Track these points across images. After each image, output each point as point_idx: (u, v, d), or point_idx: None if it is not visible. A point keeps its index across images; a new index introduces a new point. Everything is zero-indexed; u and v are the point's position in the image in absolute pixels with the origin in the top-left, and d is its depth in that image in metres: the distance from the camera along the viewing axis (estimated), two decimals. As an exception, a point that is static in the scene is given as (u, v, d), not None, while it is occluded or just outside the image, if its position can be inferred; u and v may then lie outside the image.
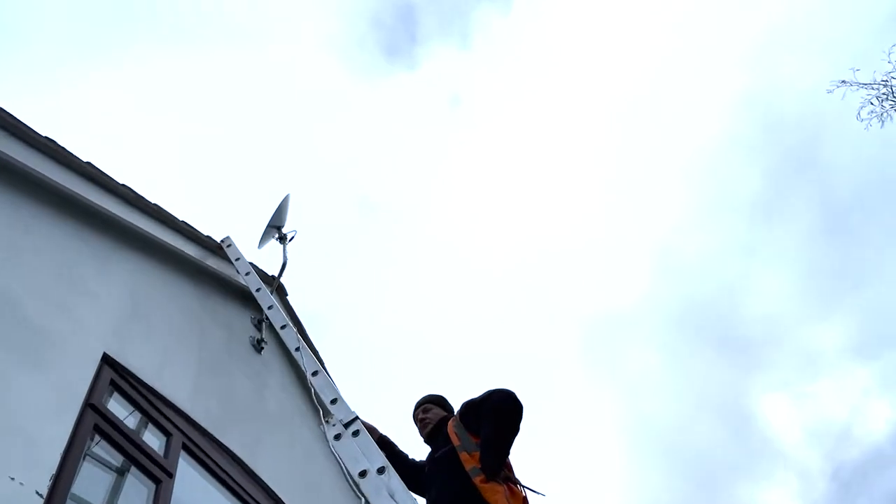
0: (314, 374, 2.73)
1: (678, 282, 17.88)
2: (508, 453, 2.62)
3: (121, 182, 3.41)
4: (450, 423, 2.89)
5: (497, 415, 2.62)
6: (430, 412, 3.12)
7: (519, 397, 2.69)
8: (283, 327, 3.32)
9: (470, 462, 2.59)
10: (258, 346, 4.29)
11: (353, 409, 2.44)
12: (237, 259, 4.22)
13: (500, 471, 2.52)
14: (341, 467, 2.24)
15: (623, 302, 17.51)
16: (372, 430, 3.15)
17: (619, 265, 17.28)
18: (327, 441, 2.31)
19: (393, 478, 2.10)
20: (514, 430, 2.63)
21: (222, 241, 4.37)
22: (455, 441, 2.74)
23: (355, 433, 2.33)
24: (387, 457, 2.26)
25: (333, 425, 2.35)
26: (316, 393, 2.59)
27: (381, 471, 2.12)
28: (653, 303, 17.48)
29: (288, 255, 4.61)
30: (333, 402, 2.53)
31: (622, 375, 17.51)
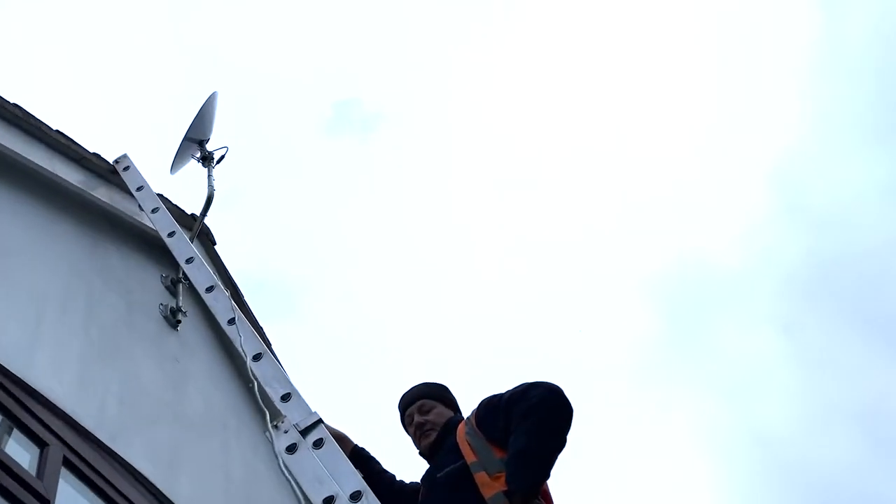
0: (256, 358, 2.73)
1: (800, 229, 17.85)
2: (548, 475, 2.62)
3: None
4: (460, 428, 2.90)
5: (536, 419, 2.63)
6: (432, 413, 3.13)
7: (567, 395, 2.69)
8: (209, 290, 3.29)
9: (491, 487, 2.60)
10: (173, 318, 4.34)
11: (314, 410, 2.43)
12: (139, 188, 4.22)
13: (536, 496, 2.53)
14: (296, 492, 2.26)
15: (720, 259, 17.46)
16: (342, 439, 3.17)
17: (714, 206, 17.21)
18: (276, 455, 2.32)
19: None
20: (560, 441, 2.65)
21: (116, 161, 4.37)
22: (469, 456, 2.74)
23: (317, 443, 2.32)
24: (364, 477, 2.35)
25: (285, 432, 2.33)
26: (260, 386, 2.58)
27: (355, 497, 2.13)
28: (763, 259, 17.37)
29: (215, 185, 4.64)
30: (285, 398, 2.52)
31: (716, 362, 17.28)
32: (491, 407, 2.85)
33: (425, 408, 3.15)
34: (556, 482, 2.70)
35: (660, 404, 15.37)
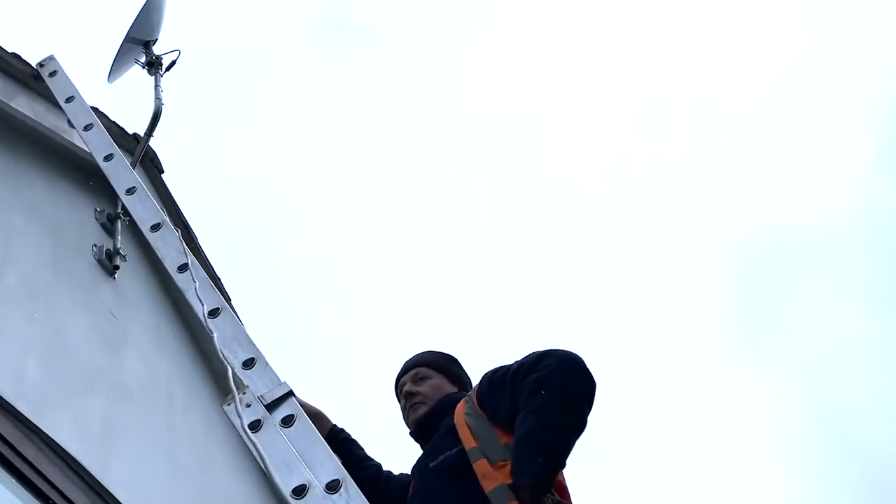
0: (213, 314, 2.75)
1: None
2: (563, 464, 2.65)
3: None
4: (459, 407, 2.92)
5: (549, 395, 2.66)
6: (427, 383, 3.18)
7: (587, 365, 2.72)
8: (154, 229, 3.28)
9: (494, 478, 2.63)
10: (109, 262, 4.38)
11: (283, 380, 2.44)
12: (68, 100, 4.18)
13: (548, 494, 2.56)
14: (265, 475, 2.28)
15: (807, 218, 17.34)
16: (318, 417, 3.17)
17: (802, 155, 17.02)
18: (238, 432, 2.32)
19: (354, 498, 2.11)
20: (578, 421, 2.67)
21: (40, 64, 4.38)
22: (468, 440, 2.78)
23: (287, 420, 2.33)
24: (343, 463, 2.26)
25: (247, 406, 2.34)
26: (218, 349, 2.59)
27: (332, 486, 2.13)
28: (858, 220, 17.28)
29: (164, 98, 4.64)
30: (248, 364, 2.53)
31: (797, 342, 17.40)
32: (495, 381, 2.86)
33: (420, 378, 3.19)
34: (580, 474, 2.73)
35: (729, 388, 15.49)
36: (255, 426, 2.31)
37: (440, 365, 3.25)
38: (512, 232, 15.59)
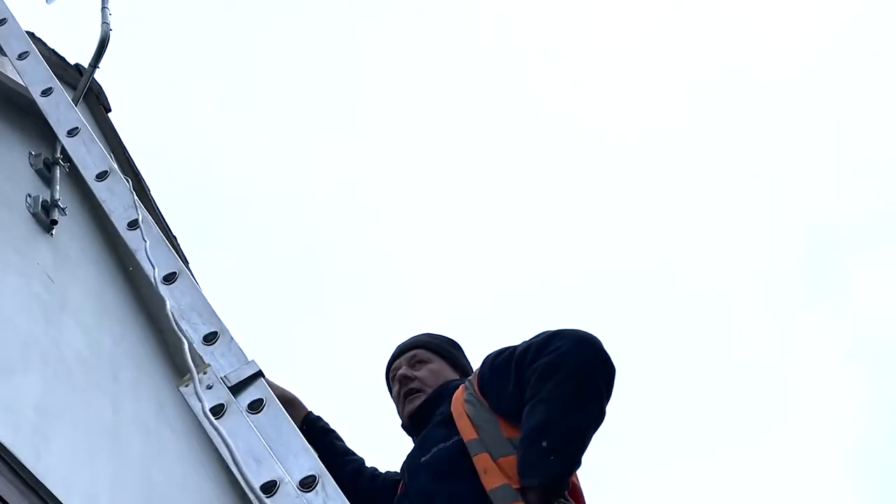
0: (169, 279, 2.75)
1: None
2: (578, 463, 2.66)
3: None
4: (457, 394, 2.94)
5: (562, 381, 2.66)
6: (426, 368, 3.17)
7: (605, 348, 2.72)
8: (100, 177, 3.29)
9: (496, 475, 2.64)
10: (46, 216, 4.37)
11: (250, 358, 2.45)
12: None
13: (560, 498, 2.56)
14: (227, 469, 2.29)
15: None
16: (291, 403, 3.20)
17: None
18: (197, 417, 2.30)
19: (332, 497, 2.10)
20: (596, 412, 2.68)
21: None
22: (467, 431, 2.80)
23: (255, 406, 2.33)
24: (320, 456, 2.24)
25: (208, 387, 2.33)
26: (174, 320, 2.58)
27: (307, 483, 2.13)
28: None
29: (111, 23, 4.63)
30: (210, 339, 2.52)
31: (858, 318, 17.79)
32: (498, 364, 2.84)
33: (417, 359, 3.18)
34: (592, 468, 2.68)
35: (784, 371, 15.63)
36: (218, 411, 2.30)
37: (442, 348, 3.24)
38: (551, 195, 15.55)
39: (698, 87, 17.29)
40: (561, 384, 2.65)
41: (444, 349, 3.24)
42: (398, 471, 3.07)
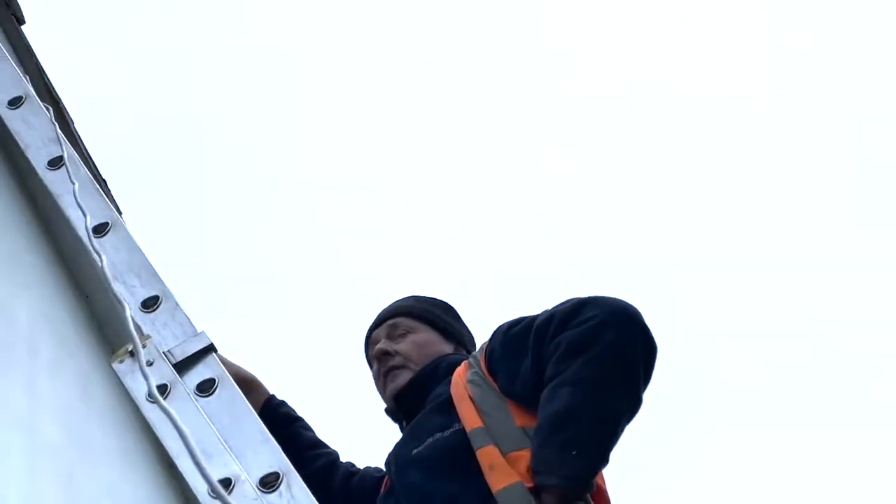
0: (99, 230, 2.72)
1: None
2: (607, 459, 2.43)
3: None
4: (458, 372, 2.72)
5: (592, 359, 2.44)
6: (409, 339, 2.98)
7: (645, 320, 2.48)
8: (13, 104, 3.23)
9: (505, 472, 2.41)
10: None
11: (200, 329, 2.36)
12: None
13: (583, 497, 2.35)
14: (170, 463, 2.23)
15: None
16: (249, 383, 3.04)
17: None
18: (133, 400, 2.29)
19: (297, 498, 1.99)
20: (631, 401, 2.47)
21: None
22: (471, 417, 2.58)
23: (205, 387, 2.26)
24: (285, 448, 2.11)
25: (149, 364, 2.25)
26: (107, 280, 2.54)
27: (268, 481, 2.03)
28: None
29: None
30: (150, 304, 2.48)
31: None
32: (513, 336, 2.67)
33: (398, 330, 3.02)
34: (619, 467, 2.45)
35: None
36: (162, 393, 2.27)
37: (431, 315, 3.07)
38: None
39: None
40: (591, 363, 2.46)
41: (434, 315, 3.10)
42: (380, 467, 2.94)
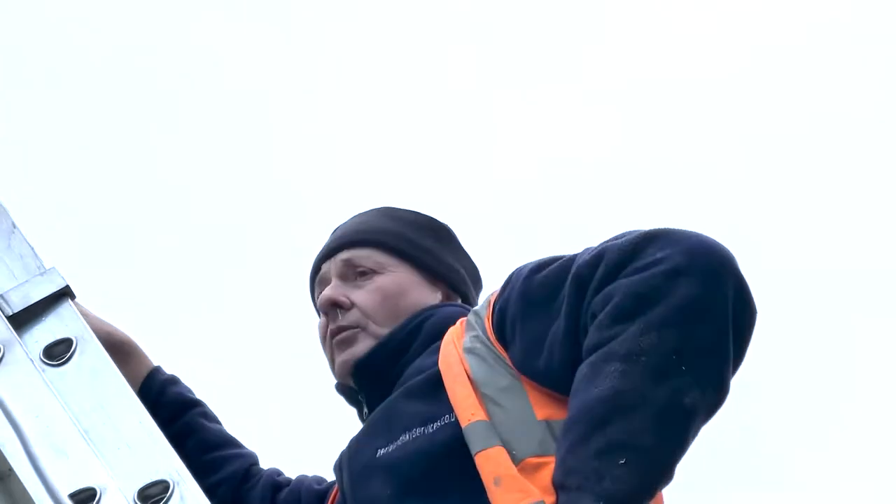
0: None
1: None
2: (672, 474, 1.68)
3: None
4: (449, 338, 1.95)
5: (664, 320, 1.65)
6: (375, 283, 2.14)
7: (739, 265, 1.70)
8: None
9: (517, 488, 1.67)
10: None
11: (49, 265, 1.89)
12: None
13: None
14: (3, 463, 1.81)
15: None
16: (125, 350, 2.20)
17: None
18: None
19: None
20: (716, 384, 1.69)
21: None
22: (470, 407, 1.75)
23: (57, 352, 1.84)
24: (179, 448, 1.67)
25: None
26: None
27: (152, 495, 1.63)
28: None
29: None
30: None
31: None
32: (541, 282, 1.84)
33: (359, 268, 2.14)
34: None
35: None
36: None
37: (409, 243, 2.18)
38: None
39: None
40: (655, 329, 1.64)
41: (415, 245, 2.18)
42: (322, 477, 2.19)
